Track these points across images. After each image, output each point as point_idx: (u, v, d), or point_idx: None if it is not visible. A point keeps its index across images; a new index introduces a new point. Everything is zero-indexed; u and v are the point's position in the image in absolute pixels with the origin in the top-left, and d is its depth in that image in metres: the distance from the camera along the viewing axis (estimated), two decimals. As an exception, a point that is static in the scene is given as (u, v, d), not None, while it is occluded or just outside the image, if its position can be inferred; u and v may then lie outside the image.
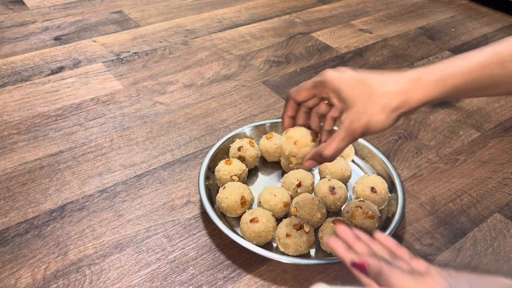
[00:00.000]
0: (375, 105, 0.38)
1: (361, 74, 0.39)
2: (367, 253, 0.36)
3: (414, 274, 0.32)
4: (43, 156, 0.63)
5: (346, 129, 0.39)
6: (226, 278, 0.49)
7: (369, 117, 0.38)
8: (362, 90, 0.38)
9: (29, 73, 0.82)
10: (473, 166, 0.66)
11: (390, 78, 0.38)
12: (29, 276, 0.48)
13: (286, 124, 0.45)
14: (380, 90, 0.38)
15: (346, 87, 0.39)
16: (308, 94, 0.43)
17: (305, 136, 0.43)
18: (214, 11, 1.10)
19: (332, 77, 0.40)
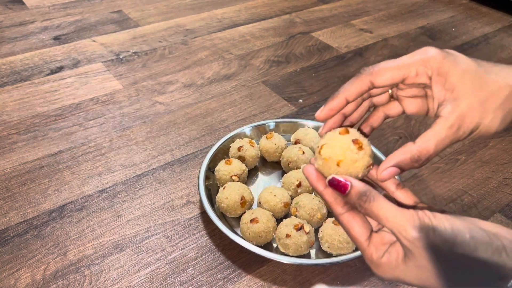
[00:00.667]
0: (493, 99, 0.29)
1: (473, 60, 0.31)
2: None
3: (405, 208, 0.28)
4: (43, 156, 0.63)
5: (451, 126, 0.29)
6: (226, 279, 0.48)
7: (484, 114, 0.29)
8: (475, 79, 0.30)
9: (29, 73, 0.81)
10: (473, 166, 0.66)
11: (507, 70, 0.31)
12: (29, 277, 0.47)
13: (328, 125, 0.33)
14: (500, 81, 0.30)
15: (457, 71, 0.30)
16: (396, 76, 0.31)
17: (347, 148, 0.30)
18: (214, 11, 1.10)
19: (439, 55, 0.30)
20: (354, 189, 0.29)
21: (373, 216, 0.28)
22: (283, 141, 0.62)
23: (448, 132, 0.29)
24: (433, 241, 0.26)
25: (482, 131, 0.30)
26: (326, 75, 0.87)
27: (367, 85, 0.31)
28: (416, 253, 0.27)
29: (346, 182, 0.29)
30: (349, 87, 0.31)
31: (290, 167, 0.59)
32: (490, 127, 0.30)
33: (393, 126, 0.73)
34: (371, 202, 0.28)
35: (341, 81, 0.85)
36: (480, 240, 0.25)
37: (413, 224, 0.26)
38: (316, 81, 0.85)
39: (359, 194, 0.28)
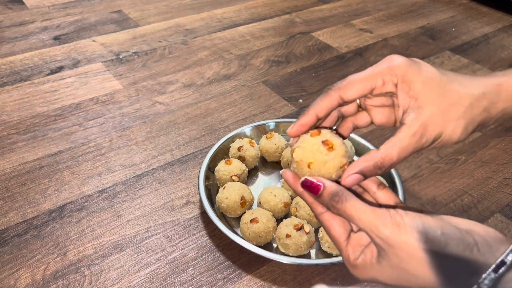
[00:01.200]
0: (455, 108, 0.30)
1: (437, 69, 0.31)
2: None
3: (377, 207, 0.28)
4: (42, 156, 0.63)
5: (414, 134, 0.29)
6: (226, 279, 0.48)
7: (447, 123, 0.30)
8: (439, 88, 0.30)
9: (28, 73, 0.81)
10: (473, 166, 0.66)
11: (471, 80, 0.31)
12: (29, 277, 0.47)
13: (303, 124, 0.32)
14: (462, 91, 0.30)
15: (421, 79, 0.30)
16: (364, 88, 0.31)
17: (317, 150, 0.30)
18: (213, 11, 1.10)
19: (405, 63, 0.31)
20: (326, 190, 0.29)
21: (346, 216, 0.28)
22: (283, 141, 0.62)
23: (411, 140, 0.29)
24: (404, 239, 0.26)
25: (445, 139, 0.31)
26: (326, 75, 0.87)
27: (337, 100, 0.32)
28: (389, 252, 0.27)
29: (318, 183, 0.29)
30: (319, 104, 0.32)
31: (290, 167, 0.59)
32: (452, 135, 0.30)
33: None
34: (343, 202, 0.28)
35: (341, 81, 0.85)
36: (452, 236, 0.26)
37: (385, 223, 0.27)
38: (316, 81, 0.84)
39: (331, 195, 0.29)
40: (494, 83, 0.31)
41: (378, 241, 0.27)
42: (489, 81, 0.32)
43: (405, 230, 0.26)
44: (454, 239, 0.26)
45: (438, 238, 0.26)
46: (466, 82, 0.31)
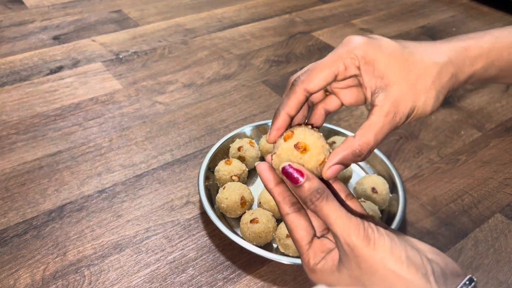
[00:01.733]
0: (423, 80, 0.29)
1: (397, 42, 0.31)
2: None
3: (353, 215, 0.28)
4: (42, 156, 0.63)
5: (386, 114, 0.29)
6: (226, 279, 0.48)
7: (417, 96, 0.29)
8: (404, 62, 0.30)
9: (28, 73, 0.81)
10: (474, 166, 0.66)
11: (434, 48, 0.31)
12: (28, 277, 0.47)
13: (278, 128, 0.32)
14: (427, 61, 0.30)
15: (383, 57, 0.30)
16: (327, 77, 0.30)
17: (291, 155, 0.30)
18: (213, 10, 1.10)
19: (363, 43, 0.30)
20: (309, 183, 0.28)
21: (321, 215, 0.28)
22: (283, 141, 0.62)
23: (385, 121, 0.29)
24: (371, 253, 0.26)
25: (418, 112, 0.30)
26: (326, 75, 0.86)
27: (303, 95, 0.31)
28: (352, 262, 0.27)
29: (302, 172, 0.29)
30: (288, 103, 0.31)
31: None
32: (425, 107, 0.30)
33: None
34: (323, 201, 0.28)
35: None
36: (413, 261, 0.26)
37: (357, 232, 0.27)
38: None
39: (312, 190, 0.28)
40: (460, 47, 0.31)
41: (345, 248, 0.27)
42: (454, 45, 0.31)
43: (373, 245, 0.26)
44: (415, 264, 0.26)
45: (401, 260, 0.26)
46: (430, 51, 0.31)
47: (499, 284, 0.50)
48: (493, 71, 0.33)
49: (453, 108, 0.79)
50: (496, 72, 0.33)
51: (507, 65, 0.33)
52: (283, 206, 0.31)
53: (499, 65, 0.32)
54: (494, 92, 0.84)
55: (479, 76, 0.32)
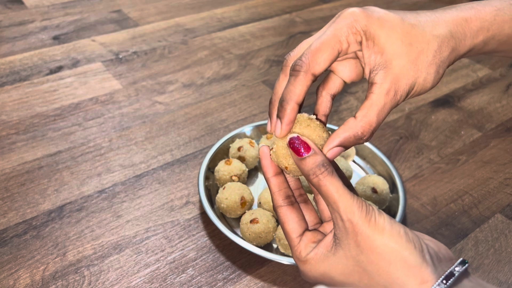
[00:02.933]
0: (424, 55, 0.29)
1: (396, 14, 0.29)
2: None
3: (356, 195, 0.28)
4: (42, 156, 0.63)
5: (387, 92, 0.28)
6: (226, 279, 0.48)
7: (418, 72, 0.28)
8: (404, 36, 0.28)
9: (28, 73, 0.81)
10: (474, 166, 0.66)
11: (435, 19, 0.30)
12: (28, 277, 0.47)
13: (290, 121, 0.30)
14: (428, 34, 0.29)
15: (384, 32, 0.28)
16: (332, 56, 0.29)
17: (287, 153, 0.30)
18: (213, 10, 1.10)
19: (364, 17, 0.28)
20: (315, 156, 0.28)
21: (324, 190, 0.27)
22: (283, 141, 0.62)
23: (386, 99, 0.28)
24: (371, 231, 0.27)
25: (418, 89, 0.30)
26: (326, 75, 0.86)
27: (310, 80, 0.29)
28: (351, 240, 0.27)
29: (308, 145, 0.28)
30: (295, 91, 0.29)
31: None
32: (425, 84, 0.29)
33: (393, 126, 0.73)
34: (327, 175, 0.27)
35: (341, 80, 0.85)
36: (411, 238, 0.27)
37: (360, 210, 0.27)
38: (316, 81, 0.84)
39: (318, 163, 0.27)
40: (461, 18, 0.30)
41: (347, 225, 0.27)
42: (455, 16, 0.30)
43: (374, 223, 0.27)
44: (413, 241, 0.26)
45: (400, 235, 0.26)
46: (430, 22, 0.29)
47: (500, 284, 0.49)
48: (493, 44, 0.32)
49: (453, 108, 0.79)
50: (496, 46, 0.32)
51: (508, 39, 0.32)
52: (277, 197, 0.31)
53: (499, 39, 0.32)
54: (494, 92, 0.84)
55: (478, 49, 0.32)
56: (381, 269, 0.26)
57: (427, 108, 0.78)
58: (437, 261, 0.27)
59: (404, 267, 0.26)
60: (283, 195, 0.31)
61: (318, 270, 0.29)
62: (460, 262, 0.27)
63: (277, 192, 0.31)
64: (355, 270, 0.27)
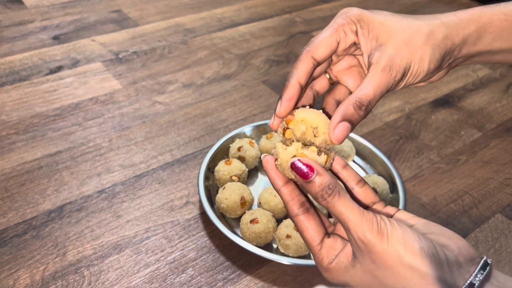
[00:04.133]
0: (417, 37, 0.30)
1: (389, 12, 0.33)
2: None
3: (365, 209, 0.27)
4: (42, 156, 0.63)
5: (383, 69, 0.29)
6: (226, 279, 0.48)
7: (412, 52, 0.30)
8: (396, 23, 0.31)
9: (28, 73, 0.81)
10: (474, 166, 0.66)
11: (427, 16, 0.32)
12: (28, 277, 0.47)
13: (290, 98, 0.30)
14: (419, 22, 0.31)
15: (377, 20, 0.31)
16: (331, 44, 0.31)
17: (321, 114, 0.30)
18: (213, 10, 1.10)
19: (358, 11, 0.32)
20: (320, 178, 0.28)
21: (333, 211, 0.28)
22: (283, 141, 0.62)
23: (382, 76, 0.29)
24: (385, 248, 0.26)
25: (415, 69, 0.30)
26: (326, 75, 0.86)
27: (311, 62, 0.31)
28: (366, 257, 0.27)
29: (312, 167, 0.28)
30: (296, 71, 0.31)
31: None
32: (421, 64, 0.30)
33: (394, 126, 0.73)
34: (335, 197, 0.27)
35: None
36: (427, 252, 0.26)
37: (370, 227, 0.27)
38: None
39: (323, 185, 0.28)
40: (450, 13, 0.32)
41: (359, 244, 0.27)
42: (446, 15, 0.32)
43: (387, 239, 0.26)
44: (428, 255, 0.26)
45: (415, 252, 0.26)
46: (422, 17, 0.32)
47: (500, 284, 0.49)
48: (488, 38, 0.32)
49: (453, 108, 0.79)
50: (491, 41, 0.33)
51: (501, 32, 0.32)
52: (291, 207, 0.30)
53: (492, 31, 0.32)
54: (494, 92, 0.84)
55: (474, 42, 0.32)
56: (399, 284, 0.26)
57: (427, 108, 0.78)
58: (457, 269, 0.26)
59: (422, 284, 0.26)
60: (298, 204, 0.30)
61: (339, 279, 0.29)
62: (482, 266, 0.26)
63: (290, 202, 0.30)
64: (373, 283, 0.28)
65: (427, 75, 0.31)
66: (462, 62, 0.34)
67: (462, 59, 0.34)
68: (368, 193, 0.32)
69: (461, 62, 0.34)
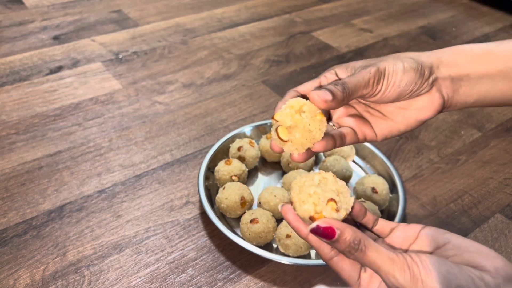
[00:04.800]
0: (403, 55, 0.34)
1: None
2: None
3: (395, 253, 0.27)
4: (42, 156, 0.63)
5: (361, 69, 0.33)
6: (226, 279, 0.48)
7: (393, 61, 0.33)
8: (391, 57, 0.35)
9: (28, 73, 0.81)
10: (474, 166, 0.66)
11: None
12: (28, 277, 0.47)
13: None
14: (412, 53, 0.35)
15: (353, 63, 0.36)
16: (315, 84, 0.36)
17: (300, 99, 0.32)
18: (213, 10, 1.10)
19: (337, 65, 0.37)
20: (344, 237, 0.28)
21: (364, 263, 0.28)
22: (283, 141, 0.62)
23: (360, 71, 0.32)
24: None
25: (390, 67, 0.33)
26: (326, 75, 0.86)
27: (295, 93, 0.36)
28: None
29: (333, 229, 0.28)
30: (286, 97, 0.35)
31: (290, 167, 0.59)
32: (395, 64, 0.33)
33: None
34: (362, 250, 0.28)
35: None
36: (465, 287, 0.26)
37: (404, 274, 0.27)
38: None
39: (348, 243, 0.28)
40: (431, 55, 0.35)
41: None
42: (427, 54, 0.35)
43: (421, 283, 0.26)
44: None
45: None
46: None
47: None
48: (463, 61, 0.35)
49: (453, 108, 0.79)
50: (468, 63, 0.35)
51: (475, 57, 0.34)
52: (322, 252, 0.30)
53: (467, 54, 0.35)
54: (494, 92, 0.84)
55: (449, 62, 0.35)
56: None
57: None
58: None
59: None
60: (327, 248, 0.30)
61: None
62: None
63: (320, 248, 0.30)
64: None
65: (406, 77, 0.33)
66: (458, 100, 0.36)
67: (449, 84, 0.35)
68: (386, 225, 0.33)
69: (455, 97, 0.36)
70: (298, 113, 0.31)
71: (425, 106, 0.35)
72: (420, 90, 0.34)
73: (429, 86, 0.34)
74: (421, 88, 0.34)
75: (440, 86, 0.35)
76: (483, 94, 0.36)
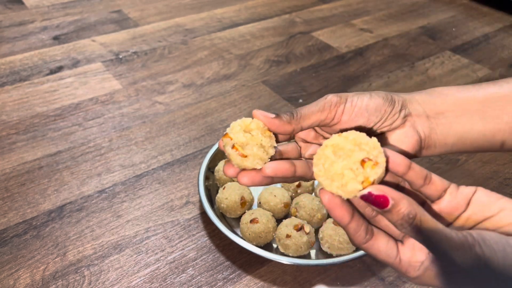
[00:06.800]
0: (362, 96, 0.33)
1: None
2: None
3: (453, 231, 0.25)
4: (42, 156, 0.63)
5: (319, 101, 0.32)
6: (226, 279, 0.48)
7: (360, 93, 0.33)
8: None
9: (28, 73, 0.81)
10: (474, 166, 0.66)
11: None
12: (28, 277, 0.47)
13: None
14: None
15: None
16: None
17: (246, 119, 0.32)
18: (213, 11, 1.10)
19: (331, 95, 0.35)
20: (398, 208, 0.25)
21: (418, 239, 0.26)
22: (283, 141, 0.62)
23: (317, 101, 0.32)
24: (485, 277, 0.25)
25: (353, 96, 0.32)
26: (326, 75, 0.87)
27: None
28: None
29: (386, 197, 0.25)
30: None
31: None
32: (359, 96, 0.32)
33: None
34: (417, 226, 0.25)
35: (341, 81, 0.85)
36: None
37: (463, 254, 0.25)
38: (316, 81, 0.84)
39: (402, 215, 0.25)
40: (405, 94, 0.35)
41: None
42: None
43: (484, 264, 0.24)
44: None
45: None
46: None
47: (499, 284, 0.49)
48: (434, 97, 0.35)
49: (453, 108, 0.79)
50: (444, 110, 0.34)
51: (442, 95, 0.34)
52: (358, 239, 0.28)
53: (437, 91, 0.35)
54: (494, 92, 0.84)
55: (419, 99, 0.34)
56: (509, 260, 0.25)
57: (427, 108, 0.78)
58: None
59: None
60: (363, 233, 0.28)
61: (432, 282, 0.28)
62: None
63: (356, 234, 0.28)
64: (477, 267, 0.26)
65: (373, 102, 0.32)
66: (436, 140, 0.36)
67: (425, 121, 0.34)
68: (439, 185, 0.30)
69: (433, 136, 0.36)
70: (247, 131, 0.31)
71: (399, 140, 0.33)
72: (392, 121, 0.33)
73: (401, 119, 0.33)
74: (392, 118, 0.33)
75: (414, 122, 0.34)
76: (462, 135, 0.34)
